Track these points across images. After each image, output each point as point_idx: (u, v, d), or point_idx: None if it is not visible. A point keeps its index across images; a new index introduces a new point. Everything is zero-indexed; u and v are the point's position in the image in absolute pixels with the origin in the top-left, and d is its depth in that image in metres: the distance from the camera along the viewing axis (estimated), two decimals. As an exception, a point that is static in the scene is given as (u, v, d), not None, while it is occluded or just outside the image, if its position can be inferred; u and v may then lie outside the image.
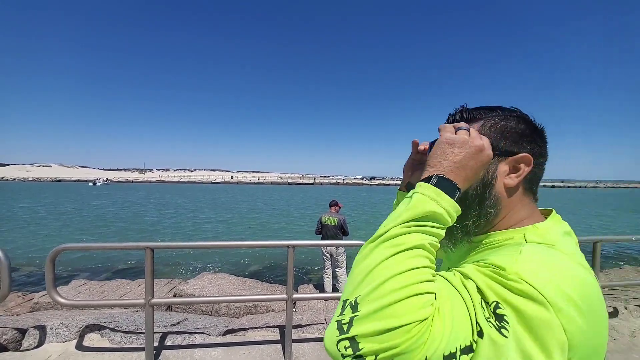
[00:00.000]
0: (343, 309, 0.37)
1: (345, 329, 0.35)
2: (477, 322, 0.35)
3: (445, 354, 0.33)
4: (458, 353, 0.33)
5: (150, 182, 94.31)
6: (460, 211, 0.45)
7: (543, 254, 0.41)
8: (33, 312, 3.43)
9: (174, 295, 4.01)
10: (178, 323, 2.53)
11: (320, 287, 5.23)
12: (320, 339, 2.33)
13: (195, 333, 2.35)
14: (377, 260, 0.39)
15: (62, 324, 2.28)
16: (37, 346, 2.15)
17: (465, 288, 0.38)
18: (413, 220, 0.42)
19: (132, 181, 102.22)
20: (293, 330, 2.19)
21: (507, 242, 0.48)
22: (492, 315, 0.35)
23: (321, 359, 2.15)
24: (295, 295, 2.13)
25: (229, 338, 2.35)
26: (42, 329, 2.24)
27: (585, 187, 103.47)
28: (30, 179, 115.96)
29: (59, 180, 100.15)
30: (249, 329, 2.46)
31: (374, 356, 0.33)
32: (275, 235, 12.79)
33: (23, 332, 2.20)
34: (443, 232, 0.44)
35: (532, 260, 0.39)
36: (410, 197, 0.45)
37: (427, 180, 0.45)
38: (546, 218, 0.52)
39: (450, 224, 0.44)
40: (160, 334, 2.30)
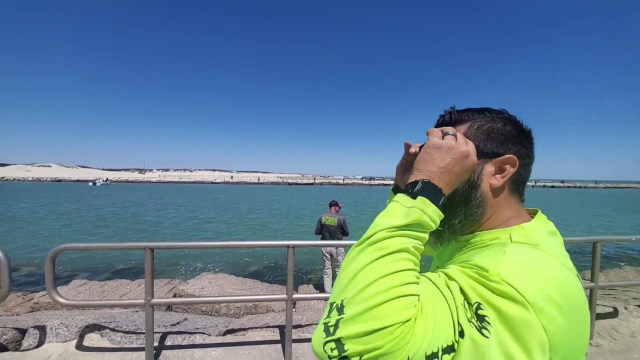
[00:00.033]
0: (330, 312, 0.38)
1: (331, 331, 0.36)
2: (459, 323, 0.36)
3: (427, 354, 0.34)
4: (440, 352, 0.34)
5: (150, 182, 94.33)
6: (442, 216, 0.47)
7: (526, 255, 0.42)
8: (33, 312, 3.44)
9: (174, 295, 4.01)
10: (178, 323, 2.53)
11: (320, 287, 5.23)
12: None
13: (195, 333, 2.35)
14: (363, 263, 0.40)
15: (62, 324, 2.29)
16: (37, 346, 2.15)
17: (449, 289, 0.39)
18: (398, 226, 0.43)
19: (132, 181, 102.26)
20: (293, 330, 2.20)
21: (494, 242, 0.49)
22: (474, 315, 0.36)
23: (321, 359, 2.15)
24: (295, 295, 2.13)
25: (229, 338, 2.35)
26: (42, 329, 2.24)
27: (585, 187, 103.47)
28: (30, 179, 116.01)
29: (59, 180, 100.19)
30: (249, 329, 2.46)
31: (358, 357, 0.34)
32: (275, 235, 12.78)
33: (23, 332, 2.20)
34: (427, 236, 0.45)
35: (515, 261, 0.39)
36: (397, 202, 0.46)
37: (414, 185, 0.46)
38: (533, 218, 0.53)
39: (434, 229, 0.46)
40: (160, 334, 2.30)
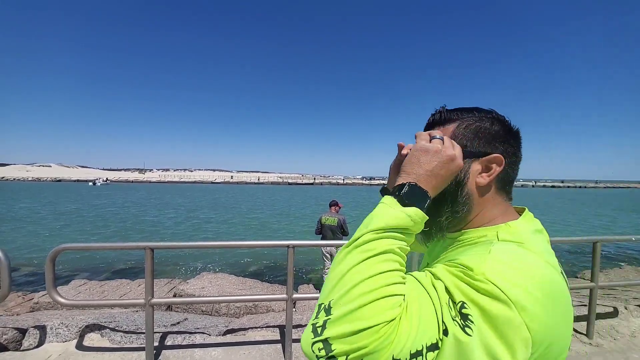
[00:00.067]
0: (318, 313, 0.39)
1: (319, 332, 0.37)
2: (444, 321, 0.37)
3: (412, 352, 0.35)
4: (424, 350, 0.35)
5: (150, 182, 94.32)
6: (427, 218, 0.48)
7: (511, 254, 0.42)
8: (33, 312, 3.44)
9: (174, 295, 4.01)
10: (178, 323, 2.53)
11: (320, 287, 5.23)
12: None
13: (195, 333, 2.35)
14: (349, 265, 0.41)
15: (62, 323, 2.29)
16: (37, 346, 2.15)
17: (434, 288, 0.40)
18: (384, 228, 0.44)
19: (132, 181, 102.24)
20: (293, 330, 2.20)
21: (481, 239, 0.50)
22: (458, 314, 0.37)
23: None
24: (295, 295, 2.13)
25: (229, 338, 2.35)
26: (42, 329, 2.24)
27: (585, 187, 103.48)
28: (30, 179, 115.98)
29: (59, 180, 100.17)
30: (249, 329, 2.46)
31: (345, 357, 0.35)
32: (275, 235, 12.78)
33: (23, 332, 2.20)
34: (412, 237, 0.47)
35: (500, 260, 0.40)
36: (386, 204, 0.47)
37: (401, 187, 0.48)
38: (520, 216, 0.54)
39: (419, 231, 0.48)
40: (160, 333, 2.30)
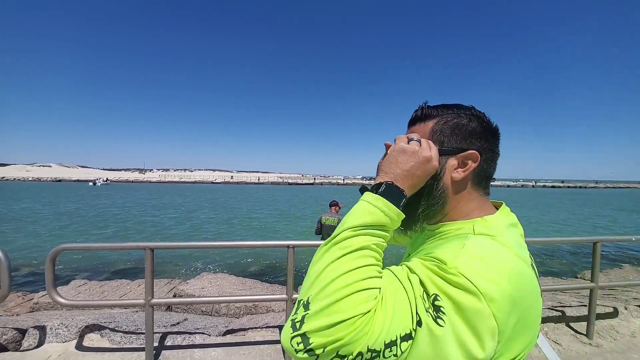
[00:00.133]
0: (297, 309, 0.41)
1: (297, 327, 0.39)
2: (417, 313, 0.38)
3: (386, 342, 0.37)
4: (398, 340, 0.37)
5: (150, 182, 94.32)
6: (404, 216, 0.51)
7: (483, 248, 0.44)
8: (33, 312, 3.43)
9: (174, 296, 4.01)
10: (178, 323, 2.53)
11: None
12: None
13: (195, 333, 2.35)
14: (327, 262, 0.43)
15: (62, 324, 2.28)
16: (37, 346, 2.15)
17: (410, 281, 0.42)
18: (361, 226, 0.46)
19: (132, 181, 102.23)
20: (293, 330, 2.19)
21: (459, 232, 0.52)
22: (431, 306, 0.39)
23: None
24: (295, 295, 2.13)
25: (229, 338, 2.35)
26: (42, 329, 2.24)
27: (585, 187, 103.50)
28: (30, 179, 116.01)
29: (59, 180, 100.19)
30: (249, 329, 2.46)
31: (322, 349, 0.37)
32: (275, 236, 12.78)
33: (23, 332, 2.20)
34: (389, 234, 0.49)
35: (472, 254, 0.42)
36: (365, 201, 0.49)
37: (378, 186, 0.50)
38: (498, 210, 0.56)
39: (395, 228, 0.51)
40: (160, 334, 2.30)
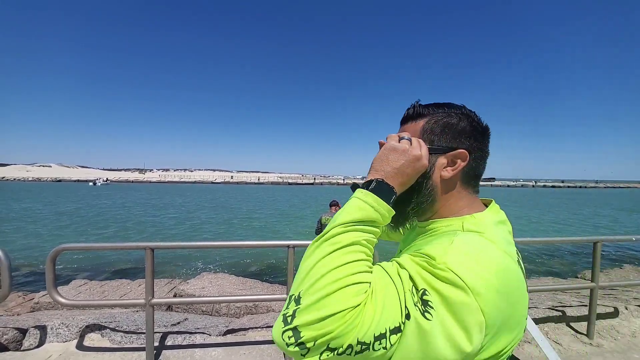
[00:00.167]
0: (288, 304, 0.42)
1: (289, 321, 0.39)
2: (406, 307, 0.40)
3: (375, 335, 0.38)
4: (388, 333, 0.38)
5: (150, 182, 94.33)
6: (394, 212, 0.51)
7: (471, 244, 0.45)
8: (33, 312, 3.44)
9: (174, 295, 4.01)
10: (178, 323, 2.53)
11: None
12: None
13: (195, 333, 2.35)
14: (318, 257, 0.44)
15: (63, 323, 2.29)
16: (38, 346, 2.15)
17: (399, 276, 0.43)
18: (351, 222, 0.47)
19: (132, 181, 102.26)
20: (293, 330, 2.19)
21: (448, 229, 0.53)
22: (420, 300, 0.40)
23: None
24: (295, 295, 2.13)
25: (229, 338, 2.35)
26: (43, 329, 2.24)
27: (586, 187, 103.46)
28: (30, 179, 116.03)
29: (59, 180, 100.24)
30: (249, 329, 2.46)
31: (313, 342, 0.38)
32: (276, 236, 12.79)
33: (23, 332, 2.20)
34: (379, 230, 0.50)
35: (460, 250, 0.44)
36: (357, 198, 0.50)
37: (369, 183, 0.51)
38: (487, 207, 0.58)
39: (385, 224, 0.51)
40: (161, 334, 2.30)
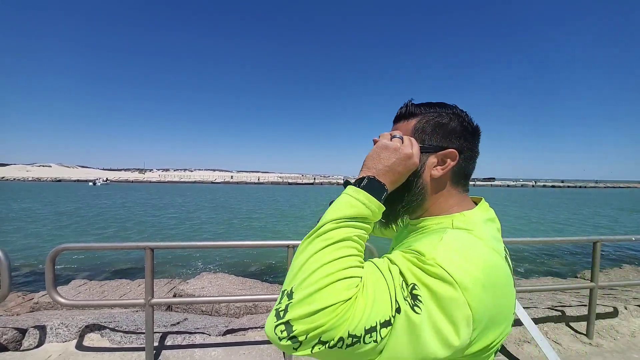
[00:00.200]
0: (281, 299, 0.42)
1: (281, 316, 0.40)
2: (397, 301, 0.41)
3: (366, 328, 0.39)
4: (378, 327, 0.39)
5: (150, 182, 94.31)
6: (385, 209, 0.52)
7: (459, 241, 0.47)
8: (33, 312, 3.44)
9: (174, 295, 4.01)
10: (178, 323, 2.53)
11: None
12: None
13: (195, 333, 2.35)
14: (310, 253, 0.44)
15: (62, 323, 2.28)
16: (37, 346, 2.15)
17: (390, 272, 0.44)
18: (343, 218, 0.48)
19: (132, 181, 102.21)
20: (293, 330, 2.19)
21: (439, 226, 0.55)
22: (409, 295, 0.41)
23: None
24: (295, 295, 2.13)
25: (229, 338, 2.35)
26: (42, 329, 2.24)
27: (586, 187, 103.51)
28: (30, 179, 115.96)
29: (59, 180, 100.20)
30: (249, 329, 2.46)
31: (305, 335, 0.38)
32: (275, 236, 12.81)
33: (23, 332, 2.20)
34: (371, 226, 0.51)
35: (449, 247, 0.45)
36: (348, 195, 0.51)
37: (361, 180, 0.52)
38: (477, 206, 0.59)
39: (376, 220, 0.52)
40: (160, 334, 2.30)
